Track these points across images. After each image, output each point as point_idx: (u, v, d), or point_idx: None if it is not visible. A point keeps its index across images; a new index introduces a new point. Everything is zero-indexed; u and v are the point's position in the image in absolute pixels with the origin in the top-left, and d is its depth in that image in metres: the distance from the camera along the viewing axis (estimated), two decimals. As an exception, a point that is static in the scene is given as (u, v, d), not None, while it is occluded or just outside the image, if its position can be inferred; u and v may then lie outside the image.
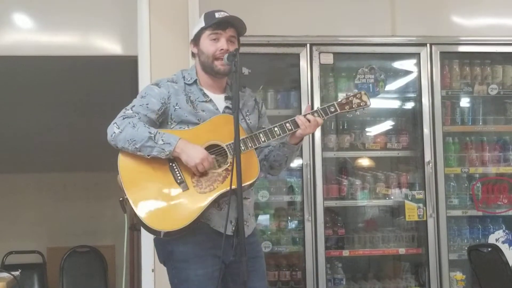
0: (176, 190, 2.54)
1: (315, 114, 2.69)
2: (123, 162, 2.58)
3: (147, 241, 3.75)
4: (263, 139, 2.63)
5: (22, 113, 5.75)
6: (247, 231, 2.67)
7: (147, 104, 2.64)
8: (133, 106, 2.65)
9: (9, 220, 6.33)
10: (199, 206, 2.52)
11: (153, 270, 3.76)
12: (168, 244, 2.63)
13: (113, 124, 2.59)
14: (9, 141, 5.90)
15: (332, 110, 2.73)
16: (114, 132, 2.56)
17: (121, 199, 2.56)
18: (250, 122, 2.76)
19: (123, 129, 2.55)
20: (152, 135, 2.52)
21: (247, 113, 2.79)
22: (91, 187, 6.51)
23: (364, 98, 2.79)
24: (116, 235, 6.48)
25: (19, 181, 6.47)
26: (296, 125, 2.66)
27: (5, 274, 3.14)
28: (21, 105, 5.68)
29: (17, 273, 3.16)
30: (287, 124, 2.66)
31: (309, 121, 2.66)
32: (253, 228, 2.79)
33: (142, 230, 3.75)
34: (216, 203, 2.56)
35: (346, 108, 2.76)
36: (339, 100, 2.78)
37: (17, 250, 5.62)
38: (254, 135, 2.63)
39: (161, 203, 2.54)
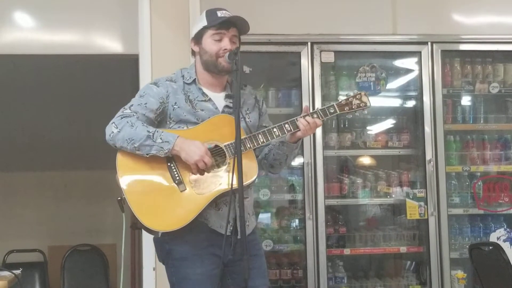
0: (174, 191, 2.55)
1: (315, 116, 2.67)
2: (122, 162, 2.59)
3: (148, 239, 3.75)
4: (261, 140, 2.62)
5: (22, 112, 5.75)
6: (247, 230, 2.66)
7: (146, 103, 2.64)
8: (132, 105, 2.65)
9: (10, 219, 6.33)
10: (196, 208, 2.52)
11: (154, 269, 3.76)
12: (167, 243, 2.63)
13: (111, 123, 2.59)
14: (10, 139, 5.91)
15: (332, 111, 2.72)
16: (113, 132, 2.57)
17: (119, 198, 2.56)
18: (250, 121, 2.75)
19: (121, 128, 2.56)
20: (151, 133, 2.52)
21: (247, 112, 2.77)
22: (92, 186, 6.50)
23: (364, 99, 2.76)
24: (117, 234, 6.42)
25: (20, 179, 6.47)
26: (295, 126, 2.65)
27: (6, 273, 3.14)
28: (22, 104, 5.68)
29: (18, 271, 3.16)
30: (286, 125, 2.64)
31: (308, 123, 2.64)
32: (254, 227, 2.79)
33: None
34: (214, 203, 2.56)
35: (345, 109, 2.75)
36: (338, 101, 2.76)
37: (18, 248, 5.63)
38: (253, 136, 2.62)
39: (158, 203, 2.55)
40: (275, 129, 2.63)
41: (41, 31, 4.21)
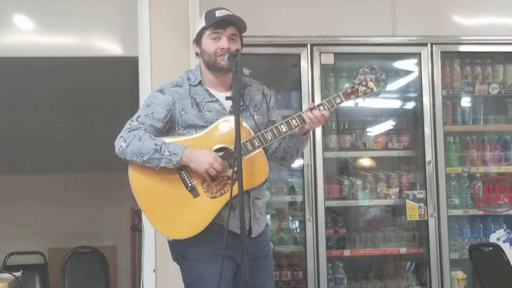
0: (187, 197, 2.60)
1: (321, 107, 2.67)
2: (133, 174, 2.64)
3: (148, 241, 3.75)
4: (270, 138, 2.63)
5: (23, 114, 5.76)
6: (258, 229, 2.74)
7: (152, 113, 2.66)
8: (139, 116, 2.68)
9: (11, 221, 6.33)
10: (211, 211, 2.58)
11: (154, 271, 3.76)
12: (182, 244, 2.66)
13: (120, 137, 2.63)
14: (10, 142, 5.91)
15: (338, 101, 2.69)
16: (121, 146, 2.60)
17: (135, 209, 2.61)
18: (258, 118, 2.75)
19: (129, 142, 2.59)
20: (158, 147, 2.56)
21: (255, 109, 2.78)
22: (92, 188, 6.50)
23: (370, 84, 2.73)
24: (118, 236, 6.49)
25: (20, 182, 6.47)
26: (302, 121, 2.66)
27: (6, 275, 3.14)
28: (22, 106, 5.69)
29: (18, 273, 3.16)
30: (293, 121, 2.66)
31: (315, 116, 2.64)
32: (264, 227, 2.82)
33: (144, 230, 3.77)
34: (229, 204, 2.57)
35: (351, 97, 2.72)
36: (344, 90, 2.74)
37: (18, 251, 5.61)
38: (261, 135, 2.63)
39: (174, 212, 2.61)
40: (282, 126, 2.65)
41: (41, 34, 4.21)
